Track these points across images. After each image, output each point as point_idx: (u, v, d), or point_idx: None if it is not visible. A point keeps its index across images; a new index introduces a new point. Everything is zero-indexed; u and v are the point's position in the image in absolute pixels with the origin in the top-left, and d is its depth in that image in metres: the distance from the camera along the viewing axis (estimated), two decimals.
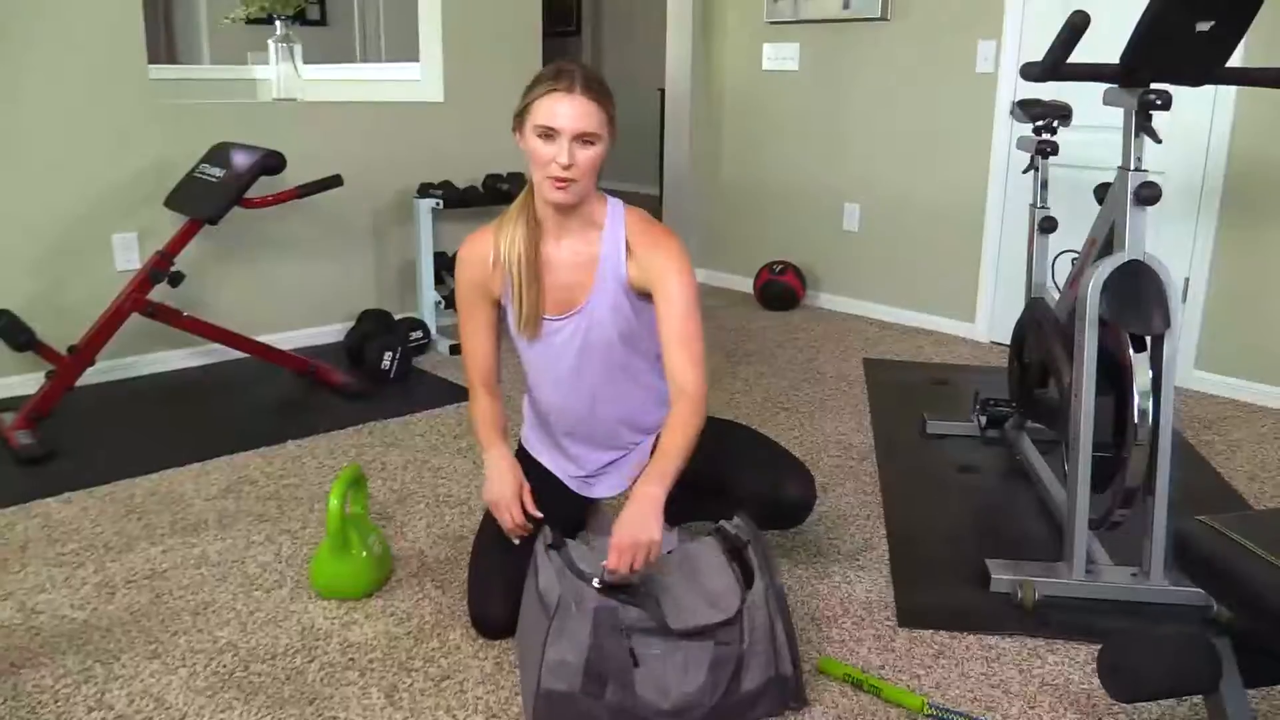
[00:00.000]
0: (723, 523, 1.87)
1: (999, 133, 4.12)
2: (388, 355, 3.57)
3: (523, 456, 2.18)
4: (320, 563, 2.11)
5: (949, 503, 2.65)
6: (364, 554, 2.12)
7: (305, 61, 3.96)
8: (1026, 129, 3.78)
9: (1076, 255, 2.51)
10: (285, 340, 3.94)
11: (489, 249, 1.96)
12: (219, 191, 3.10)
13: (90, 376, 3.38)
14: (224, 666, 1.87)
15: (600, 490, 2.19)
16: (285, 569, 2.24)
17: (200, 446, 2.95)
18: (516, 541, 1.97)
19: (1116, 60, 2.05)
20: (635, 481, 1.86)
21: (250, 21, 7.14)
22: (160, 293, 3.31)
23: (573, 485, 2.18)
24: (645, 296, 1.94)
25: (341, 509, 2.06)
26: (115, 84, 3.39)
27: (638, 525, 1.71)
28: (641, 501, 1.75)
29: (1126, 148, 2.13)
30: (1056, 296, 2.69)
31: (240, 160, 3.15)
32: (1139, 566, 2.18)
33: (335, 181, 3.33)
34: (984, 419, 2.89)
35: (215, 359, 3.73)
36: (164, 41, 8.18)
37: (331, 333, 4.05)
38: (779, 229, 5.04)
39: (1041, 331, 2.62)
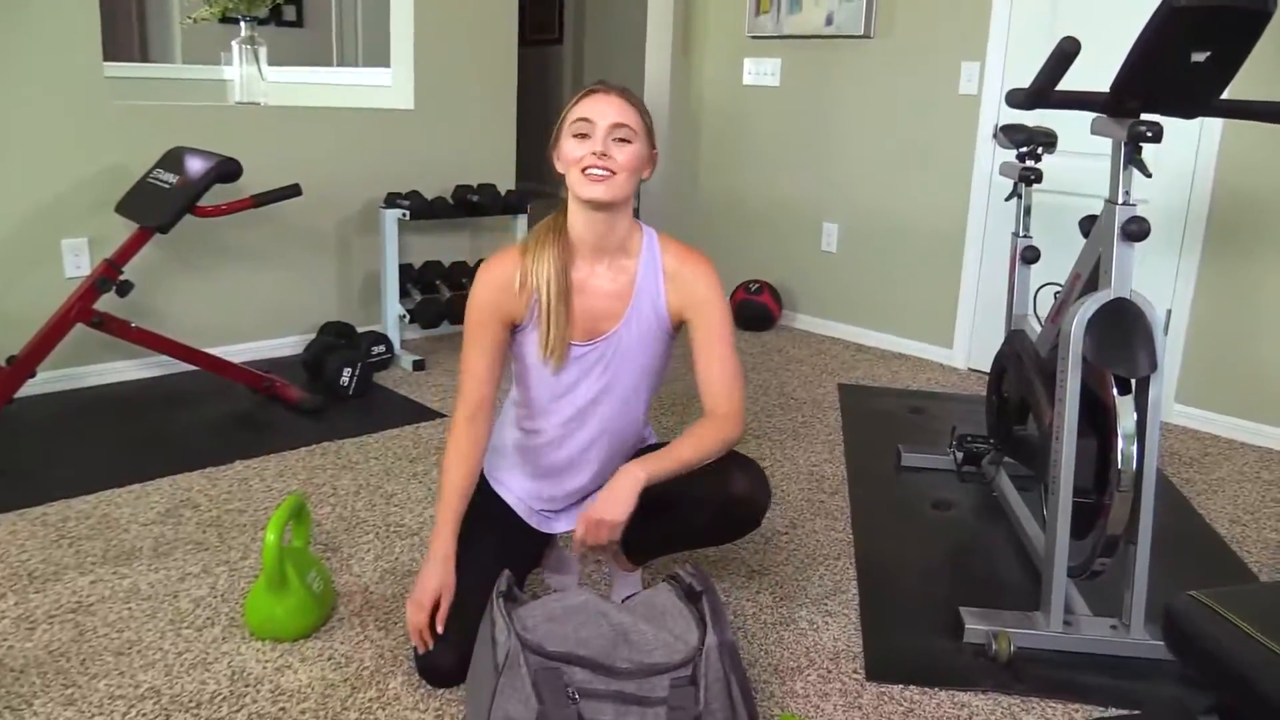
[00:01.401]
0: (677, 570, 1.76)
1: (981, 156, 4.04)
2: (346, 371, 3.44)
3: (483, 490, 2.05)
4: (255, 601, 1.98)
5: (923, 542, 2.55)
6: (302, 591, 1.99)
7: (280, 64, 3.84)
8: (1010, 154, 3.70)
9: (1059, 289, 2.41)
10: (244, 352, 3.80)
11: (514, 270, 1.85)
12: (171, 199, 2.97)
13: (32, 388, 3.24)
14: (143, 715, 1.73)
15: (561, 525, 2.07)
16: (219, 605, 2.11)
17: (143, 466, 2.81)
18: (416, 645, 1.84)
19: (1105, 88, 1.96)
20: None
21: (224, 20, 7.03)
22: (109, 303, 3.17)
23: (534, 521, 2.05)
24: (677, 328, 1.91)
25: (279, 543, 1.93)
26: (67, 81, 3.25)
27: (611, 502, 1.71)
28: (623, 480, 1.73)
29: (1115, 180, 2.04)
30: (1038, 329, 2.59)
31: (194, 166, 3.02)
32: (1119, 618, 2.08)
33: (293, 191, 3.20)
34: (960, 455, 2.79)
35: (169, 370, 3.58)
36: (137, 39, 8.03)
37: (292, 345, 3.92)
38: (756, 247, 4.95)
39: (1022, 366, 2.53)
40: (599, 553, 1.77)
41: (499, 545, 1.95)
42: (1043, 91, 1.88)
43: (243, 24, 3.72)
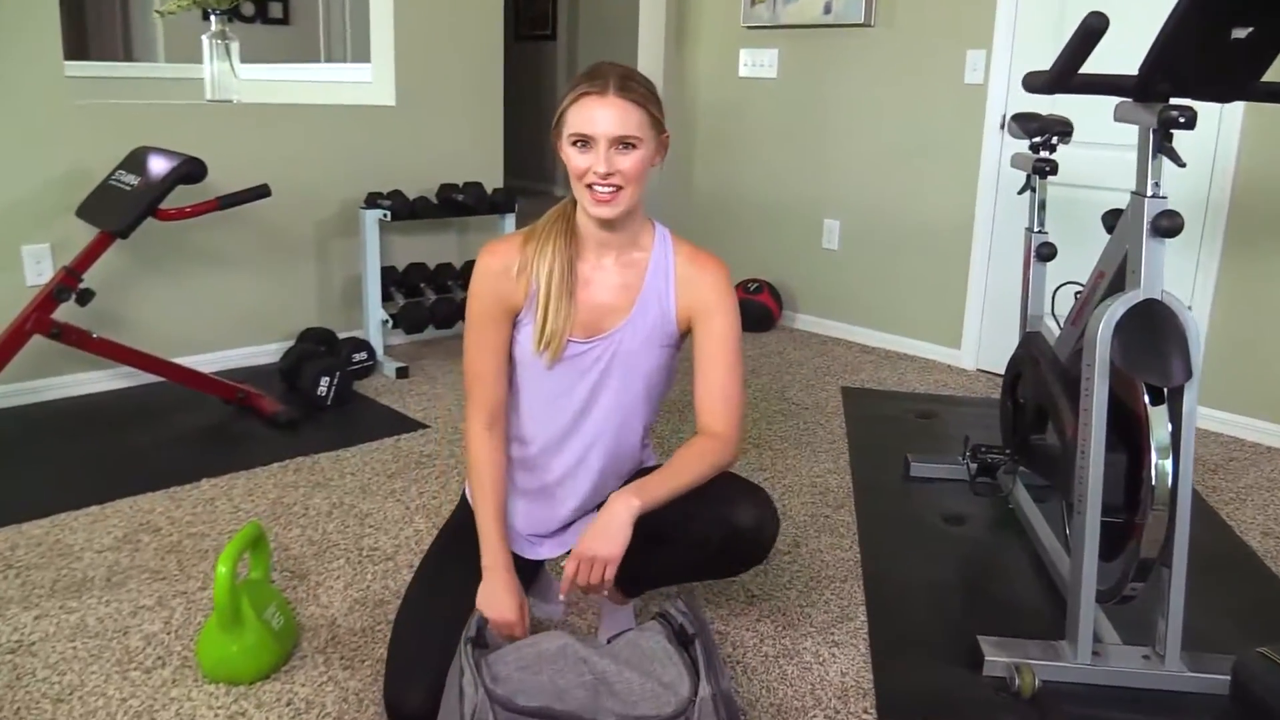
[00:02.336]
0: (668, 607, 1.59)
1: (989, 147, 3.86)
2: (324, 380, 3.27)
3: (463, 508, 1.88)
4: (207, 640, 1.81)
5: (935, 561, 2.38)
6: (260, 629, 1.82)
7: (267, 63, 3.66)
8: (1021, 145, 3.50)
9: (1080, 288, 2.24)
10: (219, 361, 3.63)
11: (514, 257, 1.71)
12: (131, 201, 2.79)
13: None
14: None
15: (547, 551, 1.90)
16: (172, 643, 1.94)
17: (102, 486, 2.64)
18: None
19: (1121, 74, 1.78)
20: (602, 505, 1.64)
21: (207, 16, 6.86)
22: (71, 313, 3.00)
23: (518, 545, 1.87)
24: (683, 335, 1.76)
25: (231, 578, 1.76)
26: (24, 80, 3.08)
27: (604, 537, 1.55)
28: (616, 510, 1.57)
29: (1142, 171, 1.86)
30: (1057, 332, 2.42)
31: (156, 168, 2.84)
32: (1152, 648, 1.91)
33: (262, 191, 3.03)
34: (974, 466, 2.61)
35: (138, 382, 3.40)
36: (120, 39, 7.86)
37: (270, 353, 3.74)
38: (754, 245, 4.77)
39: (1040, 371, 2.35)
40: (592, 591, 1.60)
41: (479, 570, 1.77)
42: (1065, 74, 1.71)
43: (213, 18, 3.54)
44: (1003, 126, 3.80)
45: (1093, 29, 1.59)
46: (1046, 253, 2.57)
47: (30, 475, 2.71)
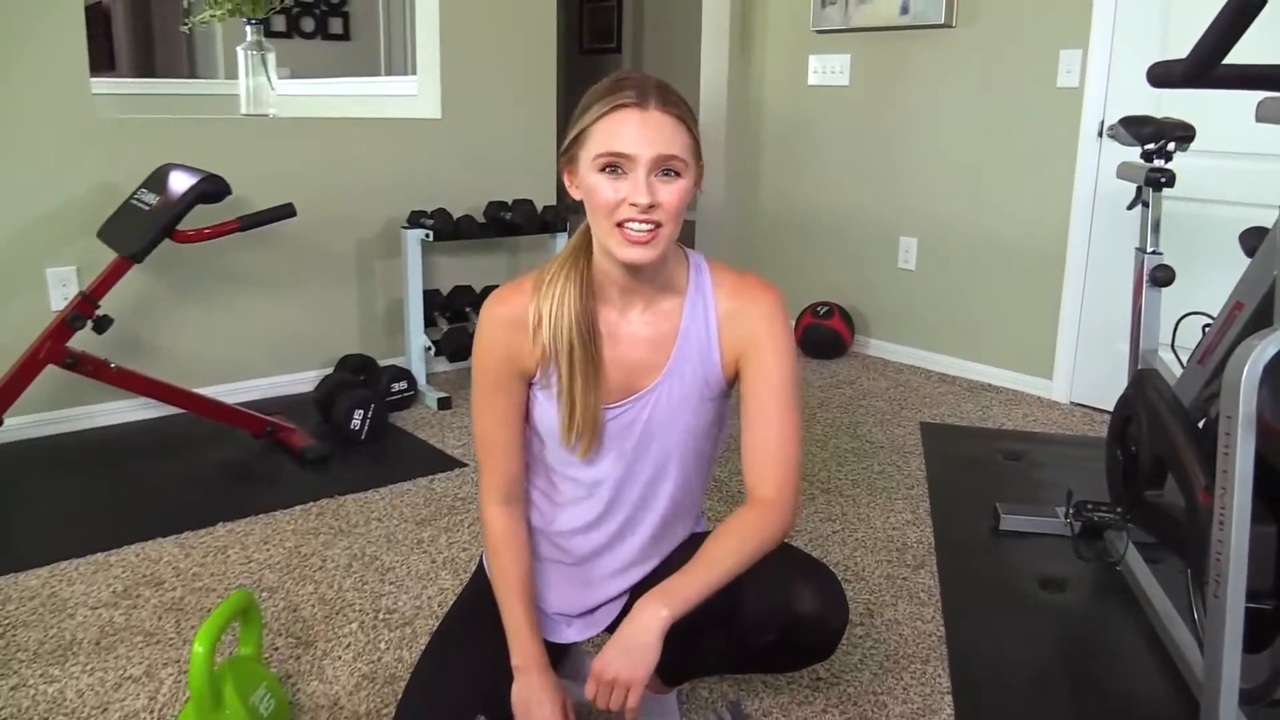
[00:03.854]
0: (715, 713, 1.30)
1: (1085, 157, 3.51)
2: (358, 413, 3.05)
3: (480, 592, 1.60)
4: None
5: (1033, 639, 2.05)
6: (244, 716, 1.57)
7: (329, 77, 3.47)
8: (1128, 152, 3.13)
9: (1209, 321, 1.90)
10: (253, 390, 3.44)
11: (525, 310, 1.39)
12: (147, 222, 2.60)
13: (4, 434, 2.89)
14: None
15: (574, 633, 1.62)
16: None
17: (110, 529, 2.44)
18: None
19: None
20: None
21: (270, 35, 6.80)
22: (91, 341, 2.82)
23: (542, 626, 1.60)
24: (732, 383, 1.45)
25: (210, 658, 1.52)
26: (47, 92, 2.92)
27: (626, 656, 1.26)
28: (641, 624, 1.27)
29: None
30: (1177, 369, 2.08)
31: (176, 186, 2.65)
32: None
33: (287, 211, 2.82)
34: (1078, 525, 2.26)
35: (165, 412, 3.20)
36: (185, 55, 7.87)
37: (306, 381, 3.53)
38: (824, 265, 4.45)
39: (1157, 417, 2.01)
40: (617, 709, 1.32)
41: (497, 652, 1.50)
42: (1210, 62, 1.39)
43: (248, 28, 3.36)
44: (1101, 134, 3.44)
45: (1249, 5, 1.27)
46: (1162, 277, 2.23)
47: (38, 516, 2.53)
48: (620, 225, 1.28)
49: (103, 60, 9.20)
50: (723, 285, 1.43)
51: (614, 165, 1.27)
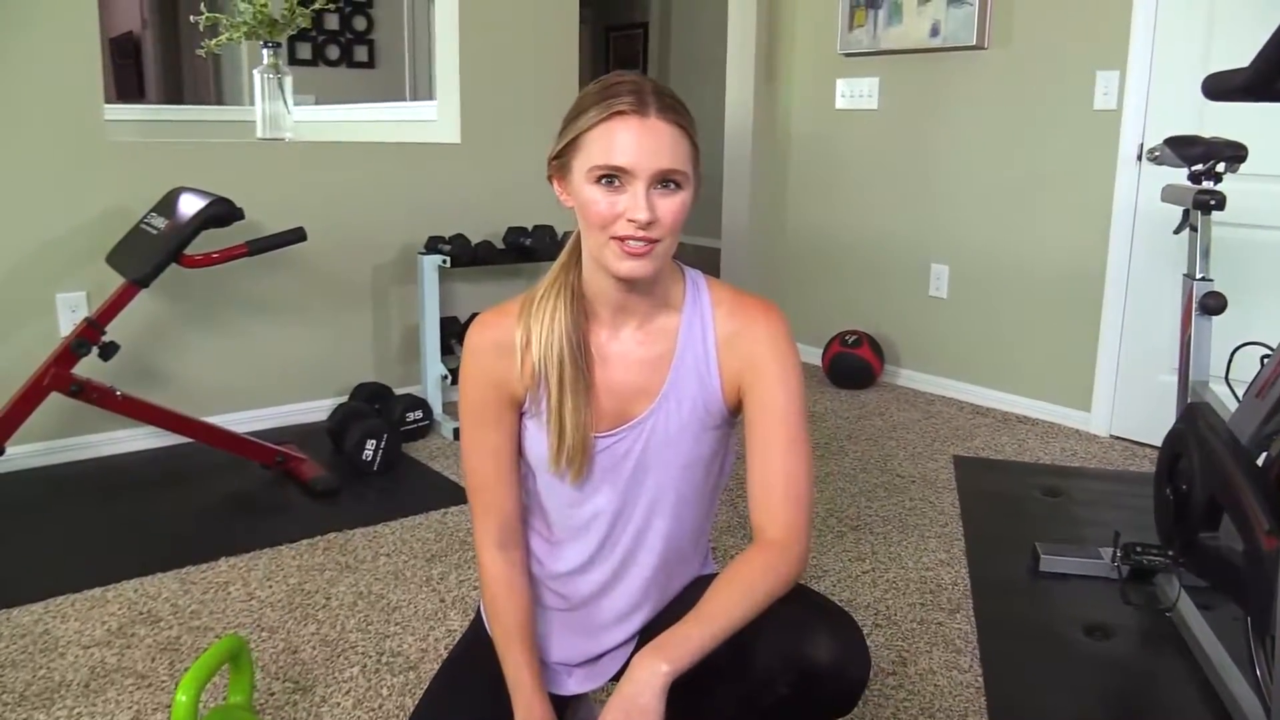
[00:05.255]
0: None
1: (1123, 181, 3.38)
2: (370, 443, 2.96)
3: (478, 640, 1.48)
4: None
5: (1078, 690, 1.91)
6: None
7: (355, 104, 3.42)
8: (1168, 175, 3.00)
9: (1269, 352, 1.77)
10: (266, 419, 3.36)
11: (512, 334, 1.31)
12: (155, 247, 2.54)
13: (8, 463, 2.83)
14: None
15: (575, 684, 1.50)
16: None
17: (109, 563, 2.35)
18: None
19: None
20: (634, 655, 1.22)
21: (295, 63, 6.81)
22: (97, 368, 2.75)
23: (543, 676, 1.49)
24: (735, 410, 1.34)
25: (194, 707, 1.42)
26: (57, 116, 2.88)
27: (631, 719, 1.13)
28: (643, 681, 1.14)
29: None
30: (1231, 405, 1.95)
31: (184, 209, 2.59)
32: None
33: (298, 235, 2.75)
34: (1125, 569, 2.12)
35: (174, 441, 3.12)
36: (213, 84, 7.91)
37: (321, 410, 3.45)
38: (852, 293, 4.34)
39: (1211, 454, 1.88)
40: None
41: (499, 705, 1.39)
42: (1272, 73, 1.27)
43: (264, 52, 3.31)
44: (1140, 157, 3.32)
45: None
46: (1214, 305, 2.10)
47: (37, 548, 2.46)
48: (617, 238, 1.19)
49: (133, 88, 9.30)
50: (722, 304, 1.32)
51: (610, 177, 1.18)
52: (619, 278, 1.23)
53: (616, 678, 1.45)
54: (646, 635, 1.38)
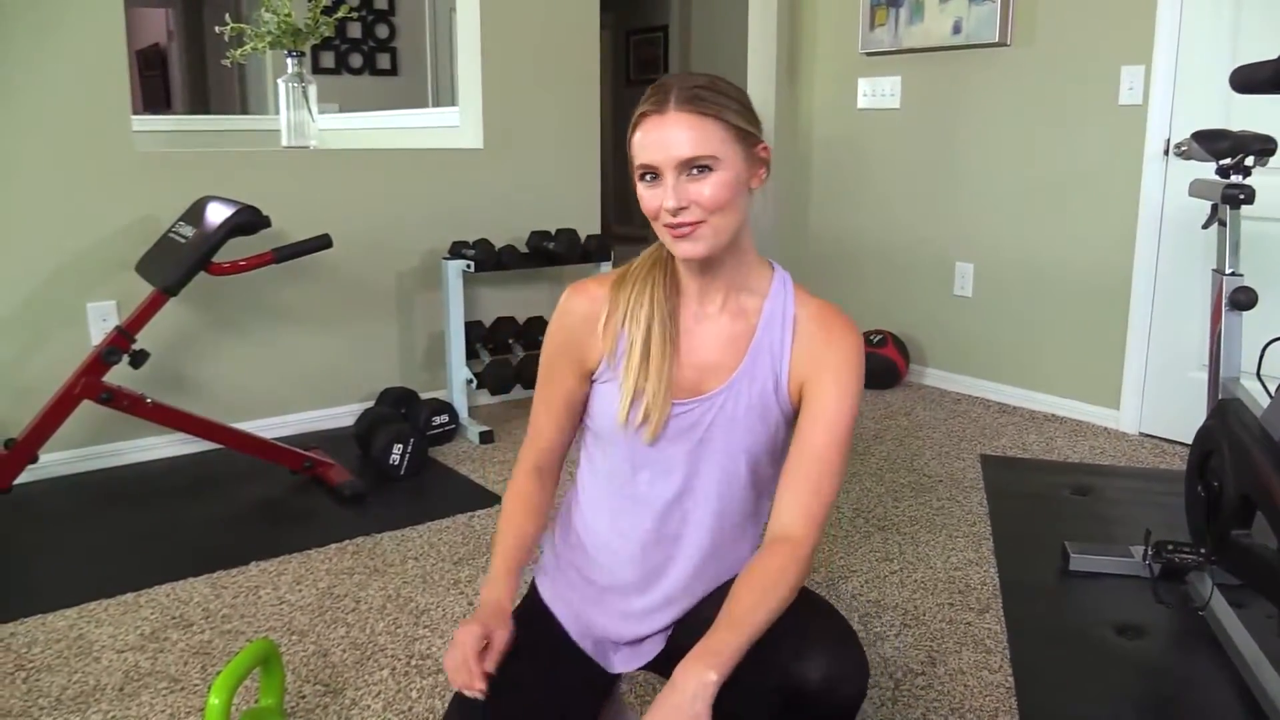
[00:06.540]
0: None
1: (1150, 177, 3.35)
2: (396, 448, 2.98)
3: (532, 608, 1.51)
4: None
5: (1110, 691, 1.89)
6: None
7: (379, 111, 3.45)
8: (1195, 170, 2.97)
9: None
10: (293, 425, 3.39)
11: (602, 305, 1.39)
12: (183, 255, 2.57)
13: (42, 470, 2.87)
14: None
15: (620, 663, 1.49)
16: None
17: (141, 568, 2.38)
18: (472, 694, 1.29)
19: None
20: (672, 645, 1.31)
21: (319, 71, 6.86)
22: (129, 376, 2.79)
23: (591, 649, 1.49)
24: (792, 415, 1.39)
25: (226, 710, 1.43)
26: (87, 125, 2.92)
27: None
28: (691, 692, 1.16)
29: None
30: (1263, 399, 1.93)
31: (211, 217, 2.62)
32: None
33: (323, 242, 2.77)
34: (1157, 568, 2.10)
35: (204, 448, 3.15)
36: (238, 94, 7.99)
37: (348, 415, 3.48)
38: (877, 293, 4.32)
39: (1243, 451, 1.86)
40: None
41: (551, 680, 1.38)
42: None
43: (289, 61, 3.34)
44: (1167, 152, 3.29)
45: None
46: (1244, 300, 2.08)
47: (70, 554, 2.49)
48: (665, 227, 1.29)
49: (159, 99, 9.41)
50: (806, 305, 1.39)
51: (649, 174, 1.28)
52: (682, 259, 1.34)
53: (653, 666, 1.45)
54: (681, 625, 1.40)
